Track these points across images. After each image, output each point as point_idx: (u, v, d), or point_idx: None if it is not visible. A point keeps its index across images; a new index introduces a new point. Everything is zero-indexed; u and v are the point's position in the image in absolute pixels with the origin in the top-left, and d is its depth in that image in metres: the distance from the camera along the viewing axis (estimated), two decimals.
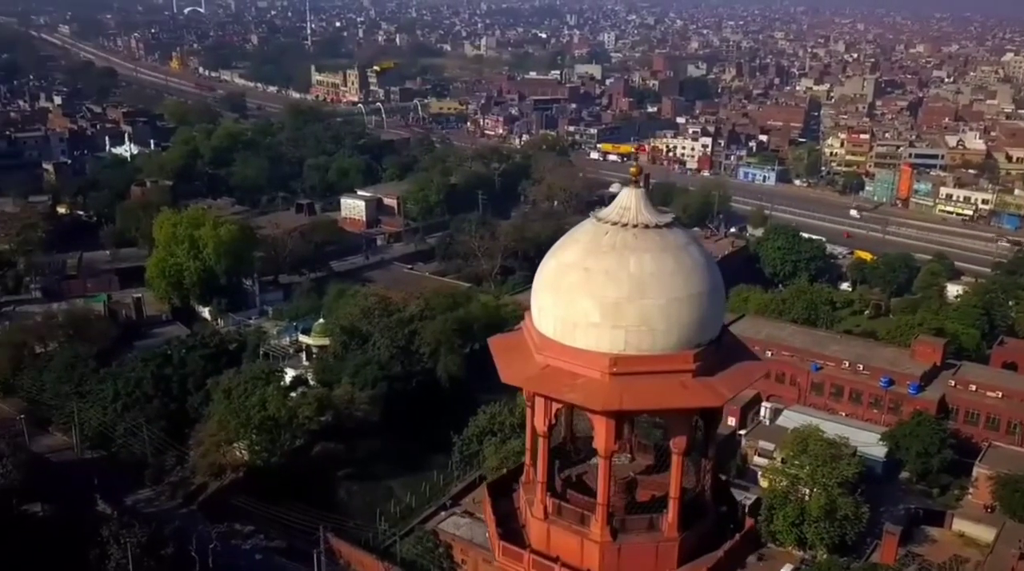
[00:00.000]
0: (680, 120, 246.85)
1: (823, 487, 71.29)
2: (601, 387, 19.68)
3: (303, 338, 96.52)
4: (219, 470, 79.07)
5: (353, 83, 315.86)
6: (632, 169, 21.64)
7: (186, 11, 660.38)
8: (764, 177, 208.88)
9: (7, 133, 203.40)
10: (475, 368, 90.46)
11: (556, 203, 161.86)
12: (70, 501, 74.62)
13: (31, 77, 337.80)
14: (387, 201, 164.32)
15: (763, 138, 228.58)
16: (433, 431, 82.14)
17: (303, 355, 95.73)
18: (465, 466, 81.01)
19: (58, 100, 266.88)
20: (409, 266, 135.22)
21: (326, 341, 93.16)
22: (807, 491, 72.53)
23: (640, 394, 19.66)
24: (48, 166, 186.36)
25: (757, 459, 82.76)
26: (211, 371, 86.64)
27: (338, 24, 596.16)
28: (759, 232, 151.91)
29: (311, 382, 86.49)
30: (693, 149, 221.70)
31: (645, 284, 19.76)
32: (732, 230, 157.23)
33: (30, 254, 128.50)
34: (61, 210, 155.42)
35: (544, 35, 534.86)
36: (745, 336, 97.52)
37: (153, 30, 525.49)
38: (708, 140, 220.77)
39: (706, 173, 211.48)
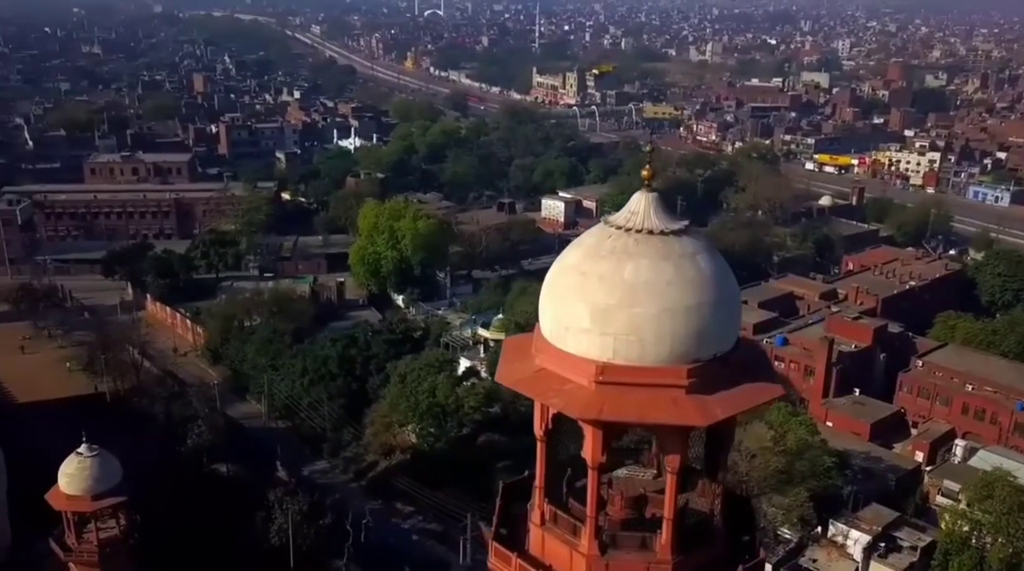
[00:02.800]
0: (908, 133, 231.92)
1: (1008, 537, 65.17)
2: (586, 395, 19.08)
3: (481, 331, 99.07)
4: (389, 450, 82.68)
5: (571, 86, 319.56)
6: (644, 171, 20.86)
7: (426, 13, 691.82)
8: (997, 197, 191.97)
9: (249, 124, 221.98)
10: None
11: (760, 213, 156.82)
12: (253, 465, 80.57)
13: (280, 73, 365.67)
14: (586, 203, 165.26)
15: (1001, 155, 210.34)
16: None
17: (480, 347, 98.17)
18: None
19: (297, 94, 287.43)
20: None
21: (502, 336, 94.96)
22: (990, 540, 66.63)
23: (625, 405, 18.87)
24: (280, 155, 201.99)
25: (940, 499, 76.75)
26: (392, 355, 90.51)
27: (566, 28, 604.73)
28: (981, 256, 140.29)
29: (483, 374, 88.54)
30: (919, 164, 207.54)
31: (637, 292, 18.90)
32: (951, 252, 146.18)
33: (253, 235, 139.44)
34: (285, 196, 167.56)
35: (773, 41, 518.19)
36: (945, 366, 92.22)
37: (393, 31, 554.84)
38: (936, 155, 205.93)
39: (931, 190, 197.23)
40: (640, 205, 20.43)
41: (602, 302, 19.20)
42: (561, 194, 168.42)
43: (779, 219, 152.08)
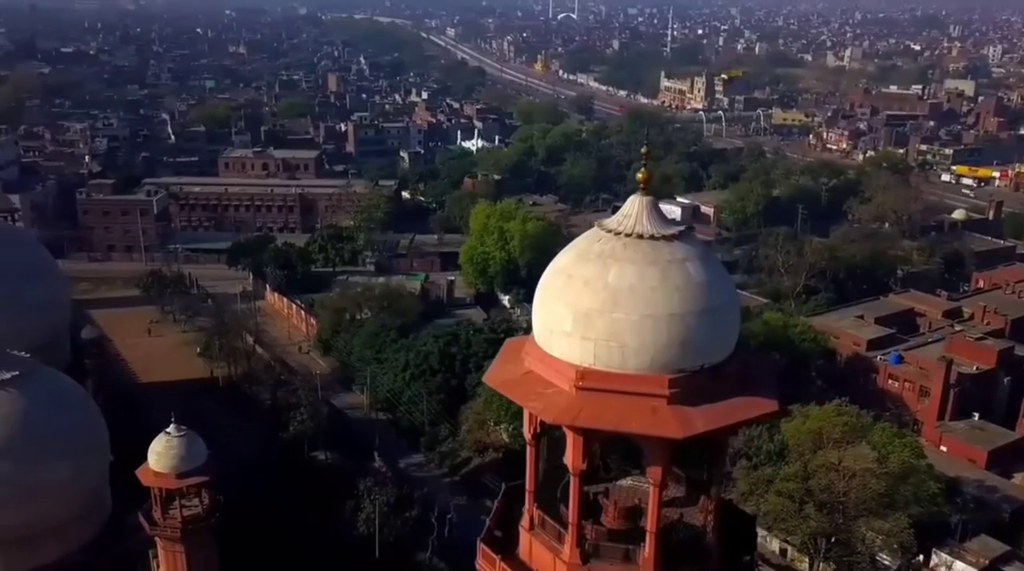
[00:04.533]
0: None
1: None
2: (565, 400, 18.63)
3: None
4: (482, 448, 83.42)
5: (699, 90, 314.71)
6: (640, 175, 20.16)
7: (559, 17, 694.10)
8: None
9: (376, 123, 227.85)
10: None
11: (886, 225, 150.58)
12: (352, 454, 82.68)
13: (411, 74, 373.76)
14: (704, 209, 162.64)
15: None
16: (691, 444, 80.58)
17: None
18: (719, 486, 78.75)
19: (425, 95, 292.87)
20: None
21: None
22: None
23: (602, 412, 18.29)
24: (404, 154, 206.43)
25: None
26: (491, 354, 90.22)
27: (700, 32, 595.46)
28: None
29: None
30: None
31: (620, 296, 18.24)
32: None
33: (371, 231, 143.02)
34: (405, 194, 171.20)
35: (918, 47, 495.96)
36: None
37: (525, 34, 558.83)
38: None
39: None
40: (634, 208, 19.89)
41: (584, 306, 18.77)
42: (679, 199, 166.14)
43: (906, 232, 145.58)
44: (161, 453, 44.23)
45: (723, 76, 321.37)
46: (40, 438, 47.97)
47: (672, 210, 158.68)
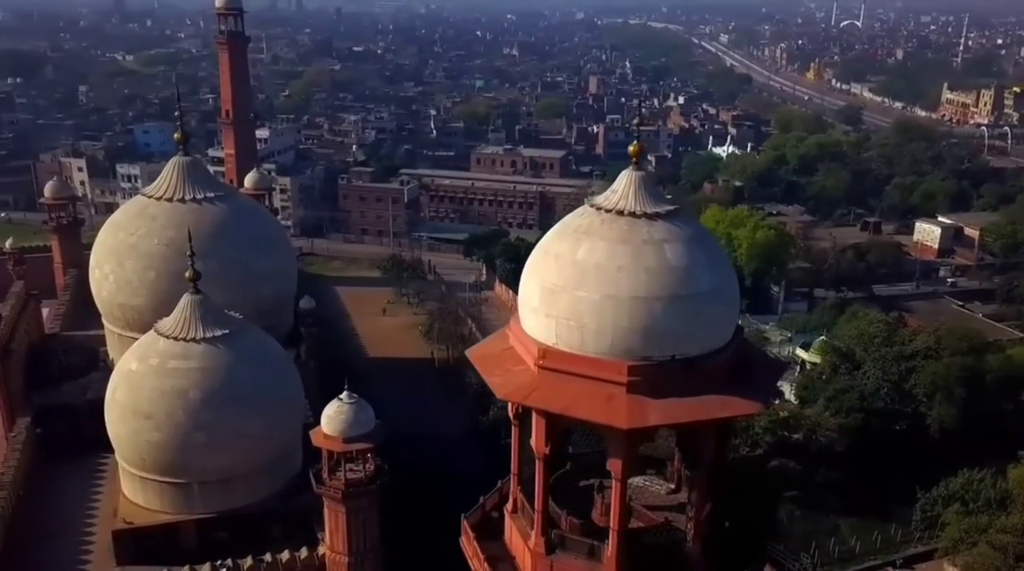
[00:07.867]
0: None
1: None
2: (524, 378, 17.67)
3: (799, 352, 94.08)
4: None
5: (986, 104, 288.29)
6: (632, 147, 18.55)
7: (842, 24, 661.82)
8: None
9: (627, 126, 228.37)
10: (978, 424, 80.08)
11: None
12: None
13: (674, 79, 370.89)
14: (968, 231, 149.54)
15: None
16: (903, 480, 74.87)
17: (797, 368, 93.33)
18: (928, 528, 72.54)
19: (681, 100, 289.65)
20: (961, 303, 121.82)
21: (818, 359, 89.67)
22: None
23: (556, 394, 17.09)
24: (651, 158, 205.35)
25: None
26: None
27: (999, 41, 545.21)
28: None
29: (787, 396, 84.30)
30: None
31: (585, 274, 16.84)
32: None
33: None
34: None
35: None
36: None
37: (800, 41, 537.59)
38: None
39: None
40: (622, 184, 18.56)
41: (551, 282, 17.87)
42: (940, 218, 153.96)
43: None
44: (332, 417, 46.84)
45: (1015, 89, 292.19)
46: (239, 392, 52.74)
47: (931, 229, 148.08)
